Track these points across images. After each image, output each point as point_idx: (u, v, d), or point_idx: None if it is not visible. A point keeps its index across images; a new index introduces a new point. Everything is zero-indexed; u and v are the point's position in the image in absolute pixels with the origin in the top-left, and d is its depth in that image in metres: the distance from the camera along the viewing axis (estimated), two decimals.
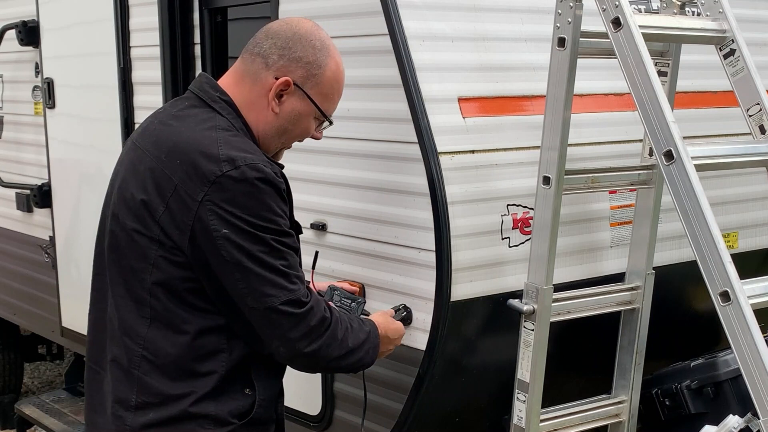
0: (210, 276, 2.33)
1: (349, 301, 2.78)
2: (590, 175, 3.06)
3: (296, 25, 2.48)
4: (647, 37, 2.65)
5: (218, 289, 2.34)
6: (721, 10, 2.87)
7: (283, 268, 2.31)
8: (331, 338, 2.39)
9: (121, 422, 2.40)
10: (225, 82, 2.48)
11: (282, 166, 2.47)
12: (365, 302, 2.85)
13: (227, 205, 2.26)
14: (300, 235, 2.50)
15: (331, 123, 2.56)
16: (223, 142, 2.32)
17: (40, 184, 4.98)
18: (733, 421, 2.58)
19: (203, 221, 2.27)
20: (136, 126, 3.46)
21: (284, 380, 3.37)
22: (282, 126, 2.47)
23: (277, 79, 2.42)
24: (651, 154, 3.17)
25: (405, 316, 2.97)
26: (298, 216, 3.35)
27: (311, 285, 2.81)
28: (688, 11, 3.02)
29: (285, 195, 2.37)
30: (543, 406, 3.09)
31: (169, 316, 2.36)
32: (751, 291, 2.44)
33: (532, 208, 3.01)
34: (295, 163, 3.36)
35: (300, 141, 2.58)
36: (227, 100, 2.43)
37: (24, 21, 4.92)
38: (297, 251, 2.40)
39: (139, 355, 2.39)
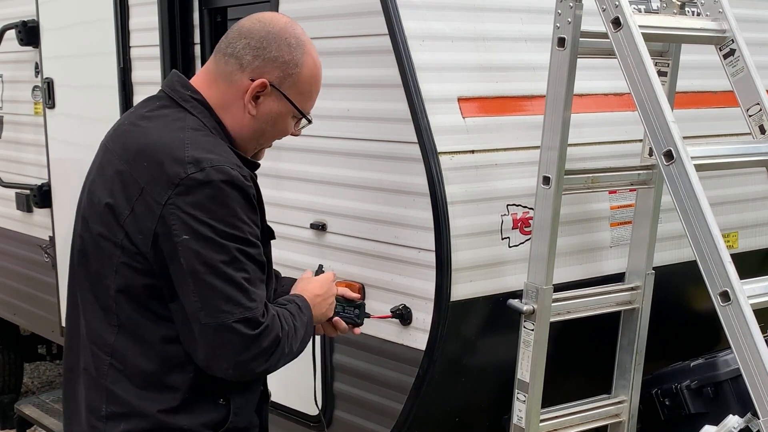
0: (171, 284, 2.23)
1: (352, 308, 2.73)
2: (590, 175, 3.06)
3: (269, 22, 2.35)
4: (647, 37, 2.65)
5: (173, 297, 2.24)
6: (721, 10, 2.87)
7: (244, 282, 2.19)
8: (279, 354, 2.28)
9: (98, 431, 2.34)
10: (198, 83, 2.39)
11: (257, 166, 2.40)
12: (365, 304, 2.83)
13: (190, 209, 2.16)
14: (273, 241, 2.42)
15: (310, 122, 2.46)
16: (190, 143, 2.23)
17: (40, 184, 4.98)
18: (733, 421, 2.58)
19: (166, 225, 2.17)
20: None
21: (284, 380, 3.38)
22: (260, 128, 2.38)
23: (252, 80, 2.31)
24: (651, 154, 3.17)
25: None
26: (298, 216, 3.37)
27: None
28: (688, 11, 3.02)
29: (254, 201, 2.25)
30: (543, 406, 3.09)
31: (134, 324, 2.28)
32: (751, 291, 2.44)
33: (532, 208, 3.02)
34: (295, 163, 3.37)
35: (279, 139, 2.49)
36: (199, 99, 2.34)
37: (24, 21, 4.91)
38: (262, 266, 2.28)
39: (106, 364, 2.31)
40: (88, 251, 2.34)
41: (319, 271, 2.72)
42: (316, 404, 2.98)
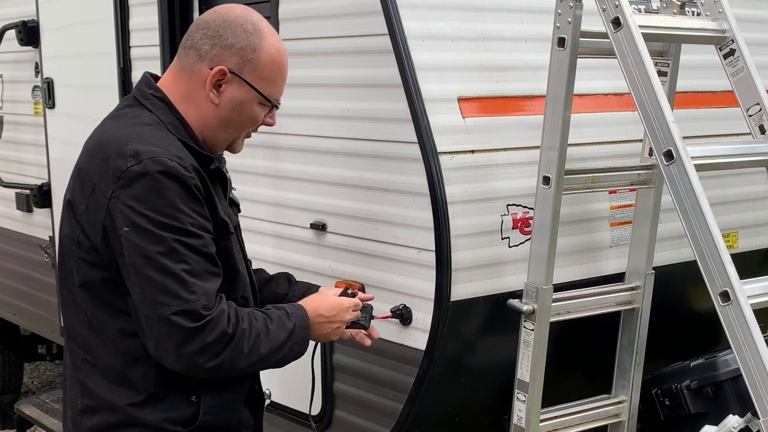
0: (122, 277, 2.27)
1: (364, 314, 2.70)
2: (590, 175, 3.06)
3: (225, 12, 2.39)
4: (647, 37, 2.65)
5: (129, 291, 2.28)
6: (721, 10, 2.87)
7: (183, 274, 2.19)
8: (234, 352, 2.26)
9: (75, 426, 2.39)
10: (164, 80, 2.44)
11: (212, 160, 2.39)
12: (372, 306, 2.82)
13: (130, 201, 2.20)
14: (232, 235, 2.41)
15: (276, 107, 2.45)
16: (136, 138, 2.26)
17: (40, 184, 4.98)
18: (733, 421, 2.58)
19: (112, 218, 2.22)
20: None
21: (283, 379, 3.38)
22: (225, 116, 2.39)
23: (211, 69, 2.35)
24: (651, 154, 3.17)
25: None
26: (298, 216, 3.37)
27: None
28: (688, 11, 3.02)
29: (196, 192, 2.25)
30: (543, 406, 3.09)
31: (96, 319, 2.33)
32: (751, 291, 2.43)
33: (532, 208, 3.01)
34: (295, 163, 3.37)
35: (253, 131, 2.50)
36: (160, 96, 2.38)
37: (24, 21, 4.91)
38: (210, 257, 2.27)
39: (80, 358, 2.36)
40: (64, 250, 2.40)
41: (344, 293, 2.66)
42: (310, 413, 2.99)
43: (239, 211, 2.64)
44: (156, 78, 2.46)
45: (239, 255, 2.47)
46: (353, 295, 2.68)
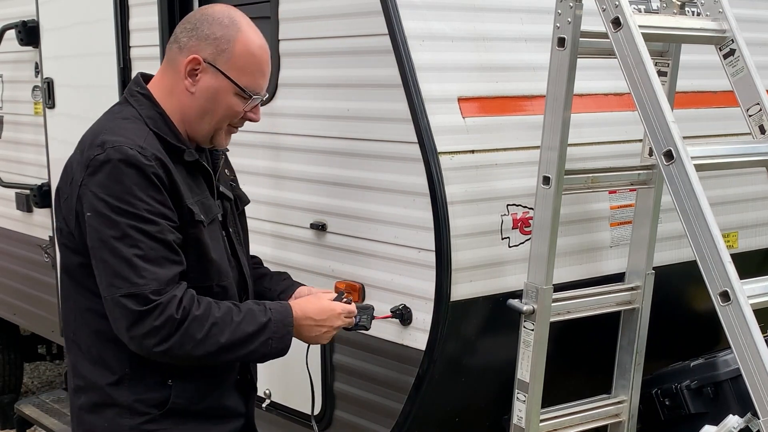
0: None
1: (366, 316, 2.74)
2: (590, 175, 3.06)
3: (206, 8, 2.53)
4: (647, 37, 2.65)
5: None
6: (721, 10, 2.87)
7: (134, 259, 2.28)
8: (183, 338, 2.31)
9: (71, 406, 2.54)
10: (154, 78, 2.55)
11: (185, 150, 2.45)
12: (373, 308, 2.83)
13: (94, 187, 2.32)
14: (203, 223, 2.44)
15: (251, 97, 2.49)
16: (108, 130, 2.40)
17: (40, 184, 4.99)
18: (733, 421, 2.58)
19: (81, 204, 2.35)
20: None
21: (283, 379, 3.38)
22: (202, 106, 2.47)
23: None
24: (651, 154, 3.17)
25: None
26: (298, 216, 3.37)
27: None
28: (688, 11, 3.02)
29: (155, 180, 2.33)
30: (543, 406, 3.09)
31: (77, 302, 2.45)
32: (751, 291, 2.43)
33: (532, 208, 3.01)
34: (295, 163, 3.37)
35: (238, 124, 2.55)
36: (144, 93, 2.50)
37: (24, 21, 4.91)
38: (167, 244, 2.33)
39: (70, 340, 2.50)
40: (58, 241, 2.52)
41: (339, 297, 2.68)
42: (312, 414, 3.00)
43: (236, 203, 2.70)
44: (148, 78, 2.56)
45: (216, 244, 2.51)
46: (349, 302, 2.68)
